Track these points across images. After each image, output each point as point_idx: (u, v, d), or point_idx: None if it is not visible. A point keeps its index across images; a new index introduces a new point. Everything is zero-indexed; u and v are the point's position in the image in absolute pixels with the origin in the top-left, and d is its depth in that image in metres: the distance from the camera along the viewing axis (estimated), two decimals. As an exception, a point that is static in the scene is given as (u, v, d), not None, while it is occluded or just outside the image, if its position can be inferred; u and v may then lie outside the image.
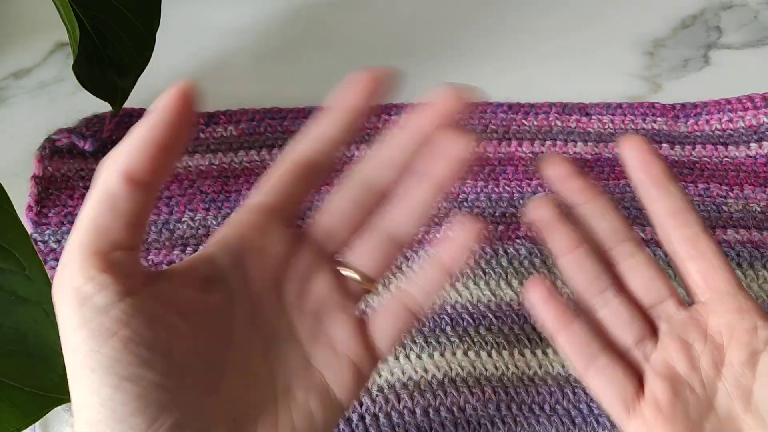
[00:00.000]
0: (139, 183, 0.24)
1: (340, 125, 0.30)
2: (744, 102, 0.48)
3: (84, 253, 0.23)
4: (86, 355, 0.23)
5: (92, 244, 0.23)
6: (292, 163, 0.29)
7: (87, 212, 0.24)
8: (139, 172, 0.24)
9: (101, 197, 0.24)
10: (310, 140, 0.29)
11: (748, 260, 0.42)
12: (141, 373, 0.23)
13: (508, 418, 0.37)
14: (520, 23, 0.55)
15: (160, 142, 0.24)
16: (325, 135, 0.29)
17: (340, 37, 0.54)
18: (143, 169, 0.24)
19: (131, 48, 0.41)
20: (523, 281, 0.41)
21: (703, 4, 0.56)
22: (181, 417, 0.24)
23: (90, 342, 0.23)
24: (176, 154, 0.25)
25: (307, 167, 0.29)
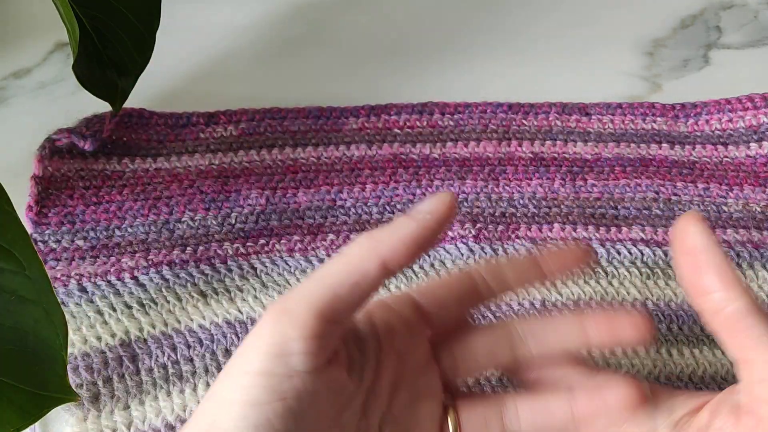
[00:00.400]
0: (389, 273, 0.24)
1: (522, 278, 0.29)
2: (744, 102, 0.48)
3: (312, 311, 0.24)
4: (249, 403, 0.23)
5: (323, 307, 0.24)
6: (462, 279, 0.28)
7: (332, 274, 0.24)
8: (394, 265, 0.24)
9: (353, 270, 0.24)
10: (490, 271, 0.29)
11: (748, 260, 0.42)
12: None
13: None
14: (520, 23, 0.55)
15: (421, 242, 0.25)
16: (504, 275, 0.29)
17: (340, 37, 0.54)
18: (398, 263, 0.24)
19: (131, 48, 0.41)
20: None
21: (703, 4, 0.56)
22: None
23: (260, 392, 0.23)
24: (425, 251, 0.26)
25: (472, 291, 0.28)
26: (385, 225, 0.25)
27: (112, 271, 0.40)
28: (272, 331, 0.24)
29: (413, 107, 0.48)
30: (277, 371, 0.23)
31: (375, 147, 0.46)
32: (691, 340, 0.39)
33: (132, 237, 0.42)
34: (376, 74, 0.52)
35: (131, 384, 0.37)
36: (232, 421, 0.23)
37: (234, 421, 0.23)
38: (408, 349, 0.27)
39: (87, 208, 0.43)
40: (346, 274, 0.24)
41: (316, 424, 0.25)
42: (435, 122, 0.48)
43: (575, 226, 0.43)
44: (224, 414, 0.24)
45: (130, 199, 0.43)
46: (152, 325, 0.39)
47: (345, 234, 0.43)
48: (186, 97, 0.49)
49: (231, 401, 0.24)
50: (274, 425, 0.23)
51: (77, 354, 0.37)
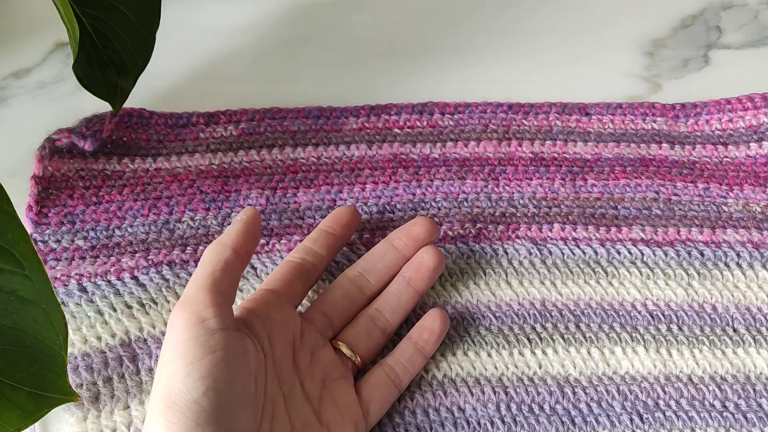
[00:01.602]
0: (240, 255, 0.34)
1: (329, 248, 0.39)
2: (744, 102, 0.48)
3: (207, 291, 0.32)
4: (187, 361, 0.30)
5: (212, 285, 0.32)
6: (291, 266, 0.38)
7: (206, 266, 0.33)
8: (240, 248, 0.34)
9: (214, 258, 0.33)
10: (305, 252, 0.39)
11: (748, 260, 0.42)
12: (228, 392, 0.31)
13: (507, 418, 0.37)
14: (520, 23, 0.55)
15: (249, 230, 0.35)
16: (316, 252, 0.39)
17: (340, 37, 0.54)
18: (242, 247, 0.34)
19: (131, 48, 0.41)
20: (522, 281, 0.41)
21: (703, 4, 0.56)
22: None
23: (193, 351, 0.30)
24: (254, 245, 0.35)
25: (303, 270, 0.38)
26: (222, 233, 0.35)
27: (112, 271, 0.40)
28: (184, 312, 0.31)
29: (413, 107, 0.48)
30: (200, 333, 0.31)
31: (375, 147, 0.47)
32: (691, 340, 0.39)
33: (132, 237, 0.42)
34: (376, 74, 0.52)
35: (131, 384, 0.37)
36: (181, 380, 0.30)
37: (183, 379, 0.30)
38: (285, 322, 0.36)
39: (87, 208, 0.43)
40: (215, 264, 0.33)
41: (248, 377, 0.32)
42: (435, 122, 0.48)
43: (575, 226, 0.43)
44: (173, 378, 0.30)
45: (130, 199, 0.43)
46: (152, 325, 0.39)
47: (345, 234, 0.43)
48: (186, 97, 0.49)
49: (175, 369, 0.30)
50: (214, 373, 0.30)
51: (77, 354, 0.37)
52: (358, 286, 0.38)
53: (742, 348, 0.39)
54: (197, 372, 0.30)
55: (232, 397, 0.31)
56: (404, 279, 0.38)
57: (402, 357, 0.37)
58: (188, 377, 0.30)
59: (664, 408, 0.37)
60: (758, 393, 0.38)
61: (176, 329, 0.31)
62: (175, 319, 0.32)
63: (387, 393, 0.36)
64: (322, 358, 0.36)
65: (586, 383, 0.38)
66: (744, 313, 0.40)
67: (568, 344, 0.39)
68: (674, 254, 0.42)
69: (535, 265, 0.42)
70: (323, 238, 0.39)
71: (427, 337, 0.37)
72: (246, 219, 0.35)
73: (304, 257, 0.38)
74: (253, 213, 0.35)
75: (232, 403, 0.31)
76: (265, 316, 0.35)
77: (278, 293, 0.37)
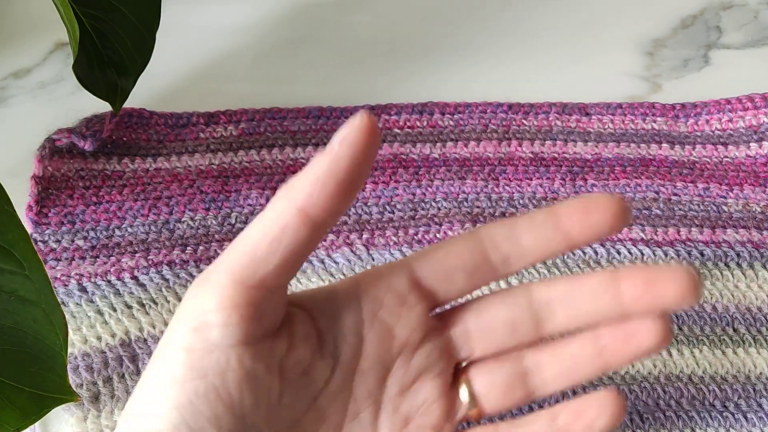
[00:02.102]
0: (314, 222, 0.21)
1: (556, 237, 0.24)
2: (744, 102, 0.48)
3: (231, 280, 0.21)
4: (171, 383, 0.22)
5: (244, 274, 0.22)
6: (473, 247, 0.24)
7: (249, 236, 0.22)
8: (317, 210, 0.21)
9: (270, 228, 0.21)
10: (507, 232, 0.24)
11: (748, 260, 0.42)
12: (204, 428, 0.22)
13: (507, 418, 0.37)
14: (520, 23, 0.55)
15: (341, 177, 0.21)
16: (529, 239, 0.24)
17: (340, 37, 0.54)
18: (321, 207, 0.21)
19: (131, 48, 0.41)
20: (522, 281, 0.41)
21: (703, 4, 0.56)
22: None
23: (180, 368, 0.21)
24: (355, 193, 0.22)
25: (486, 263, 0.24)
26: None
27: (112, 271, 0.40)
28: (192, 303, 0.22)
29: (413, 107, 0.48)
30: (196, 346, 0.21)
31: (375, 147, 0.46)
32: (691, 340, 0.39)
33: (132, 237, 0.42)
34: (376, 74, 0.52)
35: (131, 384, 0.37)
36: (156, 402, 0.22)
37: (158, 402, 0.21)
38: (398, 323, 0.24)
39: (87, 208, 0.43)
40: (262, 234, 0.21)
41: (260, 409, 0.23)
42: (435, 122, 0.48)
43: (575, 226, 0.43)
44: (151, 394, 0.22)
45: (130, 199, 0.43)
46: (152, 325, 0.39)
47: (345, 234, 0.42)
48: (186, 97, 0.49)
49: (156, 380, 0.22)
50: (197, 406, 0.21)
51: (77, 354, 0.37)
52: (534, 320, 0.25)
53: (742, 348, 0.39)
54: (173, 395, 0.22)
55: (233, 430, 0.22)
56: (596, 343, 0.25)
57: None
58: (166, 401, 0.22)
59: (664, 408, 0.37)
60: (758, 393, 0.38)
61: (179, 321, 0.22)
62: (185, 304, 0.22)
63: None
64: (423, 389, 0.25)
65: (586, 383, 0.38)
66: (744, 313, 0.40)
67: (568, 344, 0.39)
68: (674, 254, 0.42)
69: (535, 265, 0.42)
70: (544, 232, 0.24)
71: (580, 430, 0.25)
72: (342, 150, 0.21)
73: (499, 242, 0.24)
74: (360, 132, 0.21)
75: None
76: (369, 309, 0.24)
77: (415, 281, 0.25)
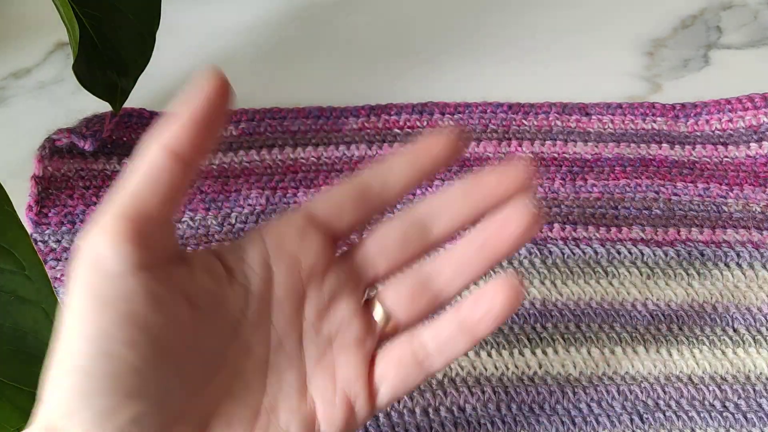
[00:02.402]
0: (181, 158, 0.24)
1: (415, 168, 0.28)
2: (744, 102, 0.48)
3: (114, 217, 0.23)
4: (79, 319, 0.23)
5: (125, 210, 0.23)
6: (355, 184, 0.28)
7: (128, 180, 0.24)
8: (182, 148, 0.24)
9: (143, 168, 0.24)
10: (381, 170, 0.28)
11: (748, 260, 0.42)
12: (123, 352, 0.23)
13: (508, 418, 0.37)
14: (520, 23, 0.55)
15: (201, 120, 0.24)
16: (396, 172, 0.28)
17: (340, 37, 0.54)
18: (187, 145, 0.24)
19: (131, 48, 0.41)
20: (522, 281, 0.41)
21: (703, 4, 0.56)
22: (144, 409, 0.23)
23: (87, 306, 0.23)
24: (215, 133, 0.25)
25: (367, 194, 0.28)
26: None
27: (112, 271, 0.40)
28: (85, 246, 0.23)
29: (413, 107, 0.48)
30: (96, 280, 0.23)
31: (375, 147, 0.46)
32: (691, 340, 0.39)
33: (132, 237, 0.42)
34: (376, 74, 0.52)
35: (131, 384, 0.37)
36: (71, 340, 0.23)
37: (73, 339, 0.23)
38: (302, 252, 0.27)
39: (87, 208, 0.43)
40: (139, 173, 0.24)
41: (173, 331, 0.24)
42: (435, 122, 0.48)
43: (575, 226, 0.43)
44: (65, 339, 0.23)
45: (130, 199, 0.43)
46: (152, 325, 0.39)
47: (345, 234, 0.43)
48: (186, 97, 0.49)
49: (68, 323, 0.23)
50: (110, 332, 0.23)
51: (77, 354, 0.37)
52: (420, 229, 0.28)
53: (742, 348, 0.39)
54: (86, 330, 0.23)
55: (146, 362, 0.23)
56: (479, 238, 0.28)
57: (441, 334, 0.27)
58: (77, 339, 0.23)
59: (664, 408, 0.37)
60: (758, 393, 0.38)
61: (72, 266, 0.24)
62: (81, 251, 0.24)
63: (408, 375, 0.27)
64: (339, 310, 0.27)
65: (586, 383, 0.38)
66: (744, 313, 0.40)
67: (568, 344, 0.39)
68: (674, 254, 0.42)
69: (535, 265, 0.42)
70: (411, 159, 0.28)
71: (480, 315, 0.27)
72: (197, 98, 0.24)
73: (375, 176, 0.28)
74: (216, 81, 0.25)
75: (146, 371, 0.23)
76: (272, 240, 0.27)
77: (311, 215, 0.27)
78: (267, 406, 0.26)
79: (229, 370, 0.26)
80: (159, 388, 0.24)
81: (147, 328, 0.23)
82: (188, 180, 0.25)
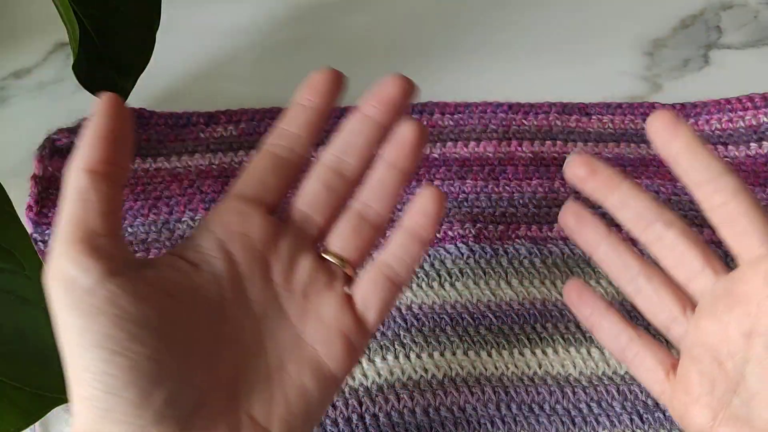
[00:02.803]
0: (100, 174, 0.26)
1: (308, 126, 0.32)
2: (744, 102, 0.48)
3: (67, 242, 0.25)
4: (78, 335, 0.25)
5: (73, 234, 0.26)
6: (264, 156, 0.31)
7: (64, 209, 0.26)
8: (97, 165, 0.26)
9: (72, 194, 0.26)
10: (280, 136, 0.32)
11: (748, 260, 0.42)
12: (131, 347, 0.25)
13: (508, 418, 0.37)
14: (520, 23, 0.55)
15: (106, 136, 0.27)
16: (292, 133, 0.32)
17: (340, 37, 0.54)
18: (100, 161, 0.27)
19: (131, 48, 0.41)
20: (523, 281, 0.41)
21: (703, 4, 0.56)
22: (174, 389, 0.26)
23: (80, 321, 0.25)
24: (125, 145, 0.28)
25: (279, 161, 0.31)
26: None
27: (112, 271, 0.40)
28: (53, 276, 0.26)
29: (413, 107, 0.48)
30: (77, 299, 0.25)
31: (375, 147, 0.47)
32: (691, 340, 0.39)
33: (132, 237, 0.42)
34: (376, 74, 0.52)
35: (131, 384, 0.37)
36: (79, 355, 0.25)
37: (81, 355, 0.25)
38: (249, 228, 0.30)
39: (87, 208, 0.43)
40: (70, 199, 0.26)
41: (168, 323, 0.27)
42: (435, 122, 0.48)
43: (575, 226, 0.43)
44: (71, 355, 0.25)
45: (130, 199, 0.43)
46: (152, 325, 0.39)
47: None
48: (186, 97, 0.49)
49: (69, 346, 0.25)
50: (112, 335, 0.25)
51: (77, 354, 0.37)
52: (337, 172, 0.31)
53: (742, 348, 0.39)
54: (89, 340, 0.25)
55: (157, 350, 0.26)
56: (387, 162, 0.31)
57: (396, 248, 0.31)
58: (85, 351, 0.25)
59: (664, 408, 0.37)
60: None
61: (51, 300, 0.26)
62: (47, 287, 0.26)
63: (385, 293, 0.31)
64: (302, 267, 0.30)
65: (586, 383, 0.38)
66: (744, 313, 0.40)
67: (568, 344, 0.39)
68: (674, 254, 0.42)
69: (535, 265, 0.42)
70: (299, 114, 0.32)
71: (422, 221, 0.31)
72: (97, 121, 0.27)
73: (278, 142, 0.31)
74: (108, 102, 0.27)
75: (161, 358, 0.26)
76: (219, 228, 0.29)
77: (242, 196, 0.30)
78: (275, 367, 0.29)
79: (231, 346, 0.28)
80: (178, 371, 0.26)
81: (142, 322, 0.26)
82: (117, 190, 0.27)
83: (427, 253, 0.42)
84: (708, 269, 0.31)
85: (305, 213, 0.31)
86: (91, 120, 0.27)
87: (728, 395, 0.29)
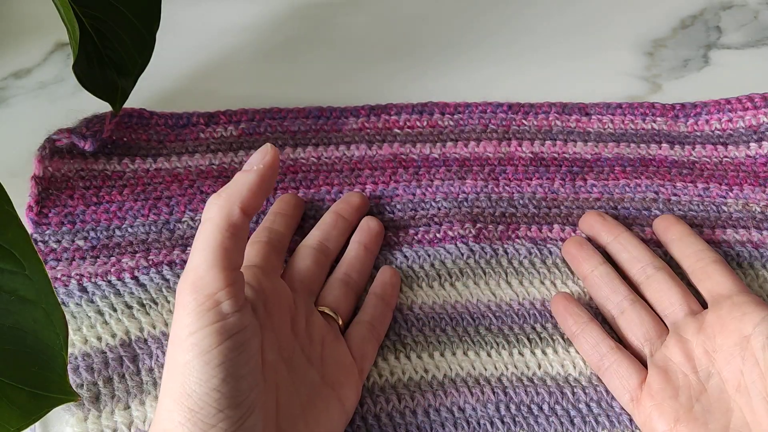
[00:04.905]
0: (248, 216, 0.31)
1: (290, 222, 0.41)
2: (744, 102, 0.48)
3: (218, 269, 0.30)
4: (204, 350, 0.29)
5: (222, 263, 0.30)
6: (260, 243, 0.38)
7: (214, 237, 0.30)
8: (251, 208, 0.31)
9: (225, 226, 0.30)
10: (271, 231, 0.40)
11: (748, 260, 0.42)
12: (244, 373, 0.30)
13: (507, 418, 0.37)
14: (520, 23, 0.55)
15: (264, 187, 0.31)
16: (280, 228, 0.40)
17: (340, 37, 0.54)
18: (253, 206, 0.31)
19: (131, 48, 0.41)
20: (522, 281, 0.41)
21: (703, 4, 0.56)
22: (263, 415, 0.31)
23: (209, 339, 0.29)
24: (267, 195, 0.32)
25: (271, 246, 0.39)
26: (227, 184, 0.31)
27: (113, 271, 0.40)
28: (196, 295, 0.30)
29: (413, 107, 0.48)
30: (216, 319, 0.29)
31: (375, 147, 0.47)
32: (691, 340, 0.39)
33: (132, 237, 0.42)
34: (376, 74, 0.52)
35: (132, 384, 0.37)
36: (200, 368, 0.29)
37: (201, 368, 0.29)
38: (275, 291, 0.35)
39: (87, 208, 0.43)
40: (223, 230, 0.30)
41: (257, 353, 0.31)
42: (435, 122, 0.48)
43: (575, 226, 0.43)
44: (190, 366, 0.29)
45: (130, 199, 0.43)
46: (152, 325, 0.39)
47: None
48: (186, 97, 0.49)
49: (191, 357, 0.29)
50: (231, 359, 0.29)
51: (77, 354, 0.37)
52: (323, 253, 0.40)
53: (742, 348, 0.39)
54: (215, 360, 0.29)
55: (247, 377, 0.30)
56: (360, 244, 0.41)
57: (375, 312, 0.39)
58: (206, 366, 0.29)
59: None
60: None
61: (188, 314, 0.29)
62: (186, 301, 0.30)
63: (372, 347, 0.38)
64: (315, 321, 0.37)
65: (586, 383, 0.38)
66: (744, 313, 0.40)
67: (568, 344, 0.39)
68: (674, 254, 0.42)
69: (535, 265, 0.42)
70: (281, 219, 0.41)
71: (389, 291, 0.40)
72: (263, 169, 0.31)
73: (268, 236, 0.39)
74: (273, 159, 0.32)
75: (247, 384, 0.30)
76: (258, 288, 0.34)
77: (261, 267, 0.36)
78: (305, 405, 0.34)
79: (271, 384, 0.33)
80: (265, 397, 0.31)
81: (254, 352, 0.31)
82: (248, 231, 0.32)
83: (427, 253, 0.42)
84: (685, 306, 0.37)
85: (304, 283, 0.38)
86: (258, 165, 0.31)
87: (690, 401, 0.34)
